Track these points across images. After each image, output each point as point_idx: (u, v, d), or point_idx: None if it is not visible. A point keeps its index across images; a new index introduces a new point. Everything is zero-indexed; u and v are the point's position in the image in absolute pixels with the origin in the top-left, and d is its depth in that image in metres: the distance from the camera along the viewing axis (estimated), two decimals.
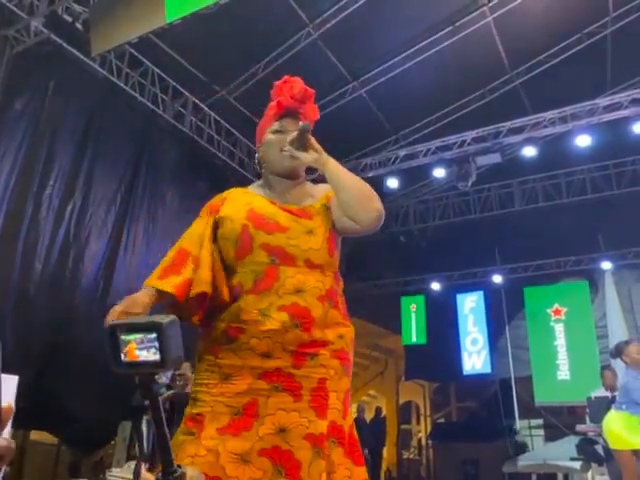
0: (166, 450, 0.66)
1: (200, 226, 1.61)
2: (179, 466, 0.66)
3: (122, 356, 0.71)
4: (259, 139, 1.73)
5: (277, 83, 1.70)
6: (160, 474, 0.65)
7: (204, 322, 1.57)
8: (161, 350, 0.68)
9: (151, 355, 0.69)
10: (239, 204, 1.62)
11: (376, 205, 1.51)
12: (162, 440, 0.67)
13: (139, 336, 0.70)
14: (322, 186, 1.70)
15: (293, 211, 1.59)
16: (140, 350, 0.70)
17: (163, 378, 0.85)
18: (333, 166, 1.55)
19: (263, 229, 1.54)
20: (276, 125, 1.67)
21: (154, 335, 0.69)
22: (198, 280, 1.51)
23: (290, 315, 1.45)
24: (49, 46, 6.16)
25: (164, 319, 0.70)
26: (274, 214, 1.58)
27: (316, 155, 1.57)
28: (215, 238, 1.60)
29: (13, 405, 0.68)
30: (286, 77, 1.70)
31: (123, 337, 0.70)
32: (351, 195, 1.51)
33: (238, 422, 1.39)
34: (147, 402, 0.69)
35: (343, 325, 1.54)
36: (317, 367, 1.43)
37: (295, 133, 1.57)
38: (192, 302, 1.51)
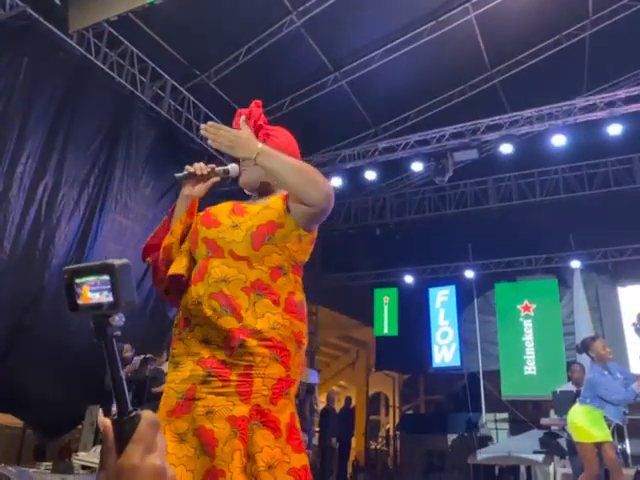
0: (121, 393, 0.67)
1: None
2: (135, 409, 0.67)
3: (77, 299, 0.71)
4: None
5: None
6: (116, 416, 0.66)
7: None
8: (114, 292, 0.69)
9: (104, 297, 0.70)
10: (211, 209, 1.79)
11: (321, 183, 1.59)
12: (117, 384, 0.68)
13: (92, 279, 0.71)
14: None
15: (235, 208, 1.71)
16: (93, 292, 0.70)
17: (117, 319, 0.86)
18: (264, 163, 1.62)
19: (205, 224, 1.70)
20: None
21: (107, 277, 0.70)
22: (180, 263, 1.70)
23: (219, 302, 1.56)
24: (25, 20, 6.01)
25: (116, 261, 0.71)
26: (218, 212, 1.72)
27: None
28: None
29: None
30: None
31: (77, 280, 0.71)
32: (292, 181, 1.59)
33: (181, 405, 1.54)
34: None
35: (281, 317, 1.59)
36: (244, 355, 1.52)
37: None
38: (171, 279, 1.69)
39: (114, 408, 0.66)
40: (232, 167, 1.79)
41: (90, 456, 6.01)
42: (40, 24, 6.06)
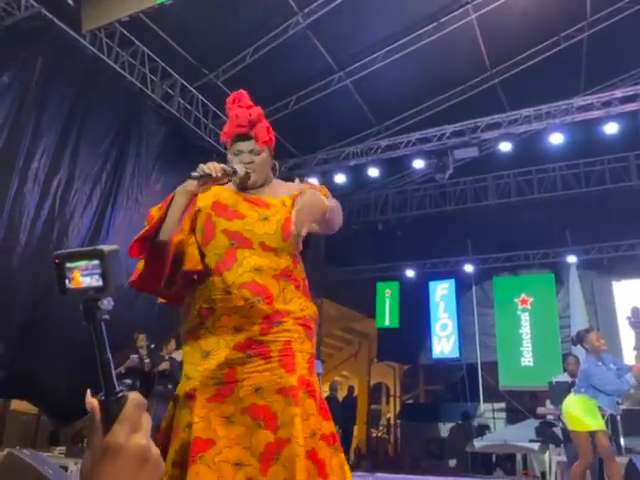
0: (108, 375, 0.68)
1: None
2: (121, 390, 0.68)
3: (67, 283, 0.72)
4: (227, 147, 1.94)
5: (228, 100, 1.89)
6: (103, 397, 0.67)
7: (183, 303, 1.80)
8: (104, 276, 0.71)
9: (94, 281, 0.71)
10: (208, 196, 1.80)
11: (339, 224, 1.84)
12: (104, 365, 0.69)
13: (83, 263, 0.71)
14: (290, 185, 1.91)
15: (253, 200, 1.80)
16: (84, 277, 0.71)
17: (105, 302, 0.92)
18: (330, 215, 1.75)
19: (224, 216, 1.75)
20: (233, 148, 1.86)
21: (97, 262, 0.71)
22: (192, 256, 1.72)
23: (251, 292, 1.64)
24: (39, 21, 6.14)
25: (106, 247, 0.73)
26: (235, 204, 1.78)
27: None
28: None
29: None
30: (235, 95, 1.88)
31: (68, 265, 0.72)
32: (329, 226, 1.80)
33: (222, 390, 1.60)
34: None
35: (304, 300, 1.75)
36: (282, 332, 1.63)
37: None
38: (183, 275, 1.72)
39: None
40: (239, 168, 1.82)
41: None
42: (54, 24, 6.18)
